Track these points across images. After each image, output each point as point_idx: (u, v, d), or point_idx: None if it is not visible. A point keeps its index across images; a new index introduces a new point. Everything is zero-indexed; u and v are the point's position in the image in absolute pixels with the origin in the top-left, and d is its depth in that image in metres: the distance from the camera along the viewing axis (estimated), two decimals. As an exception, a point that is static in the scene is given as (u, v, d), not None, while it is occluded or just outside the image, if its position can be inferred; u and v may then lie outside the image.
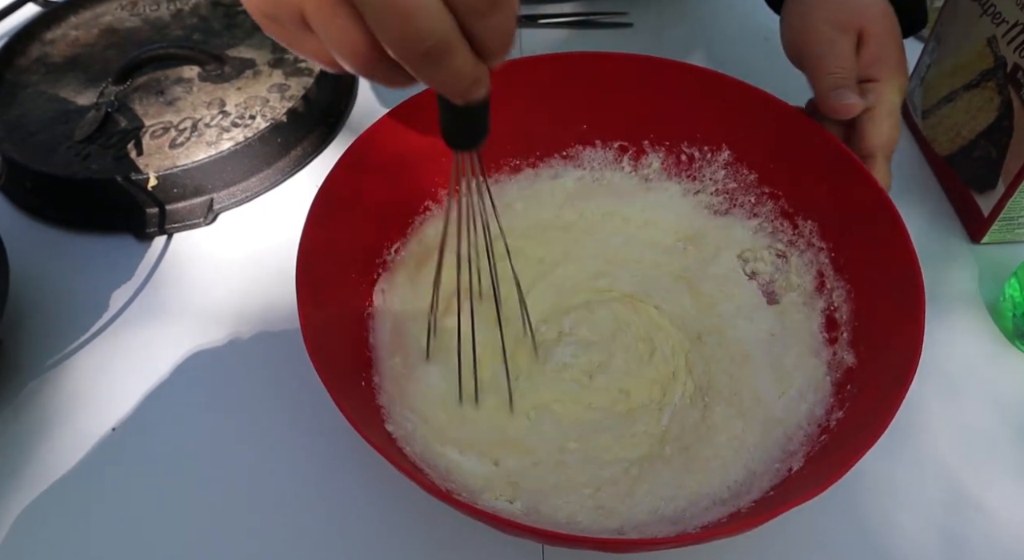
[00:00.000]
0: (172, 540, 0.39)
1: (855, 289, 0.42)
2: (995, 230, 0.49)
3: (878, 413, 0.33)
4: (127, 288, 0.49)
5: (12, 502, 0.40)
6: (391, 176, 0.45)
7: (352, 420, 0.31)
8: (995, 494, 0.40)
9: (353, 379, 0.38)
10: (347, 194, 0.42)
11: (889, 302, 0.38)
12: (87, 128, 0.54)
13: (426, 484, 0.30)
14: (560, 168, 0.51)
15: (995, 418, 0.43)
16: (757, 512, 0.34)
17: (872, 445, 0.31)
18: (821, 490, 0.30)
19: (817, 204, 0.45)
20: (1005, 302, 0.46)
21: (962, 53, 0.50)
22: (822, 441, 0.37)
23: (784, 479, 0.36)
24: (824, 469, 0.33)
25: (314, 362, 0.33)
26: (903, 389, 0.33)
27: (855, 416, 0.36)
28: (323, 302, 0.38)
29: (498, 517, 0.30)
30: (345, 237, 0.42)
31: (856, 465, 0.31)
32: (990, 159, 0.48)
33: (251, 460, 0.41)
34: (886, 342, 0.37)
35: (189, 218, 0.52)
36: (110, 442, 0.42)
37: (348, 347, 0.40)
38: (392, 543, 0.38)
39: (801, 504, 0.30)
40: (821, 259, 0.44)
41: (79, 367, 0.45)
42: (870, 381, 0.37)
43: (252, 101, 0.56)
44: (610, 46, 0.65)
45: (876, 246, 0.40)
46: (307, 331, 0.34)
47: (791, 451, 0.38)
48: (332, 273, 0.40)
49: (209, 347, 0.46)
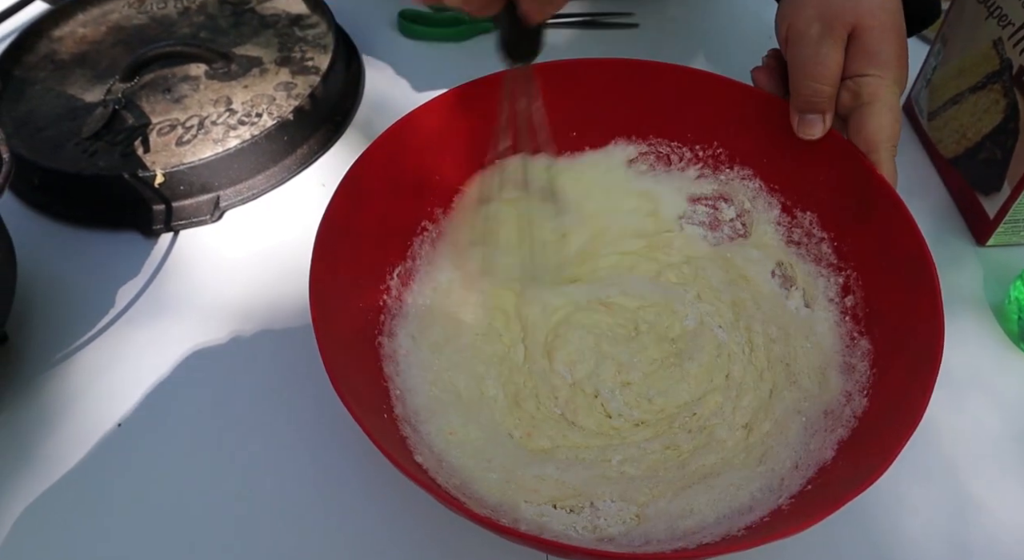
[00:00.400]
0: (177, 536, 0.39)
1: (861, 277, 0.42)
2: (1000, 232, 0.49)
3: (912, 397, 0.33)
4: (133, 285, 0.49)
5: (18, 496, 0.40)
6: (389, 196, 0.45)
7: (364, 427, 0.31)
8: (1000, 496, 0.40)
9: (370, 397, 0.38)
10: (347, 222, 0.42)
11: (899, 286, 0.39)
12: (94, 125, 0.54)
13: (432, 489, 0.30)
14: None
15: (999, 420, 0.43)
16: (790, 519, 0.34)
17: (915, 429, 0.31)
18: (866, 486, 0.30)
19: (817, 196, 0.45)
20: (1010, 304, 0.46)
21: (968, 55, 0.50)
22: (852, 429, 0.37)
23: (818, 471, 0.36)
24: (862, 459, 0.33)
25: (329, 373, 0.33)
26: (935, 367, 0.33)
27: (884, 401, 0.36)
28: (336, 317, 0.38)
29: (501, 525, 0.30)
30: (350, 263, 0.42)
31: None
32: (996, 161, 0.48)
33: (256, 457, 0.41)
34: (903, 325, 0.37)
35: (196, 215, 0.52)
36: (116, 438, 0.42)
37: (363, 369, 0.40)
38: (391, 540, 0.39)
39: (846, 504, 0.30)
40: (824, 249, 0.44)
41: (86, 363, 0.45)
42: (894, 365, 0.37)
43: (259, 99, 0.56)
44: (616, 47, 0.65)
45: (880, 232, 0.40)
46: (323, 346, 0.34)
47: (821, 445, 0.38)
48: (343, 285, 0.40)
49: (215, 344, 0.46)
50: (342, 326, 0.38)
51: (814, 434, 0.38)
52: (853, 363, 0.40)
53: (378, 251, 0.43)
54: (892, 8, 0.43)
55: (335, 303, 0.38)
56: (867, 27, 0.42)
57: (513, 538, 0.30)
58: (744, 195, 0.48)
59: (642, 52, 0.47)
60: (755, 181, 0.47)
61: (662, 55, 0.47)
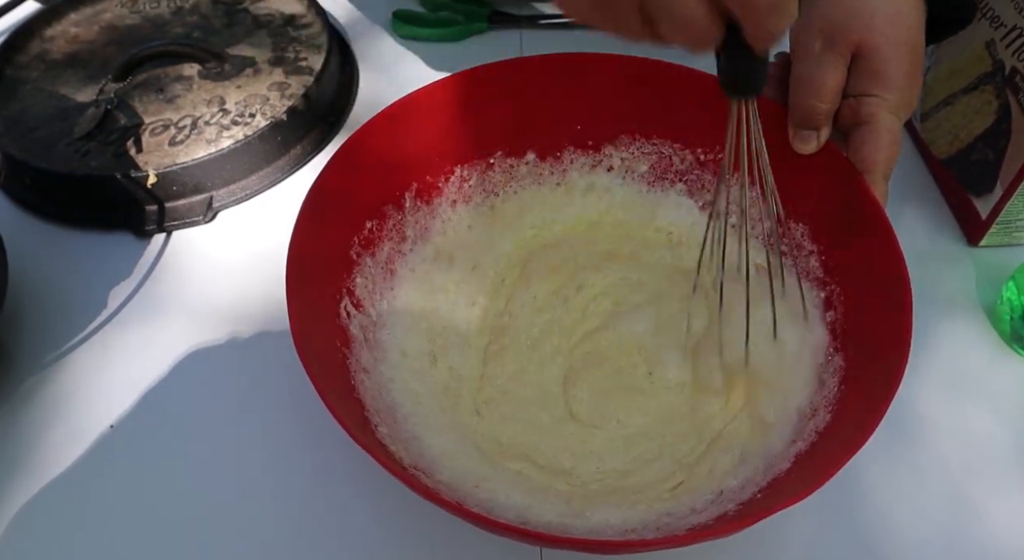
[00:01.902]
0: (169, 538, 0.39)
1: (844, 293, 0.41)
2: (993, 233, 0.49)
3: (867, 416, 0.33)
4: (126, 285, 0.49)
5: (10, 499, 0.40)
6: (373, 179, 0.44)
7: (346, 425, 0.32)
8: (993, 497, 0.40)
9: (344, 383, 0.38)
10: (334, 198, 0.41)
11: (877, 306, 0.38)
12: (86, 125, 0.53)
13: (418, 486, 0.31)
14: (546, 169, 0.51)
15: (992, 421, 0.43)
16: (742, 515, 0.34)
17: (862, 446, 0.31)
18: (809, 492, 0.30)
19: (807, 208, 0.44)
20: (1003, 305, 0.46)
21: (960, 56, 0.50)
22: (811, 442, 0.37)
23: (772, 481, 0.36)
24: (813, 471, 0.33)
25: (306, 366, 0.33)
26: (891, 392, 0.33)
27: (844, 418, 0.36)
28: (310, 304, 0.38)
29: (487, 518, 0.30)
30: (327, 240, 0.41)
31: (854, 469, 0.31)
32: (988, 162, 0.48)
33: (249, 458, 0.41)
34: (874, 345, 0.37)
35: (188, 216, 0.52)
36: (108, 439, 0.42)
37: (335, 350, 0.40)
38: (385, 539, 0.39)
39: (789, 506, 0.30)
40: (811, 262, 0.44)
41: (77, 364, 0.45)
42: (860, 383, 0.37)
43: (252, 99, 0.56)
44: (613, 47, 0.65)
45: (865, 251, 0.40)
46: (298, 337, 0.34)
47: (779, 454, 0.38)
48: (317, 274, 0.40)
49: (207, 345, 0.46)
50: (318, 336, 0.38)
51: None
52: (824, 378, 0.40)
53: (337, 267, 0.43)
54: (905, 24, 0.41)
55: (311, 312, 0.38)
56: (873, 45, 0.40)
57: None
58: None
59: (639, 53, 0.47)
60: (753, 190, 0.47)
61: (672, 56, 0.47)
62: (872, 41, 0.40)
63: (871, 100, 0.40)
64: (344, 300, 0.41)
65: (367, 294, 0.43)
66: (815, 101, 0.41)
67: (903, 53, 0.40)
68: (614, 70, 0.47)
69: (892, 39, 0.40)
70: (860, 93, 0.41)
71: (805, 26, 0.43)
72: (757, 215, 0.46)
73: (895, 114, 0.40)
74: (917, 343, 0.45)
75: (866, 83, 0.41)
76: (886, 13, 0.40)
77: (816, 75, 0.41)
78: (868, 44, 0.40)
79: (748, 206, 0.40)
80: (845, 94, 0.42)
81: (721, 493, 0.37)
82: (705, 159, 0.48)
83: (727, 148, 0.36)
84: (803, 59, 0.42)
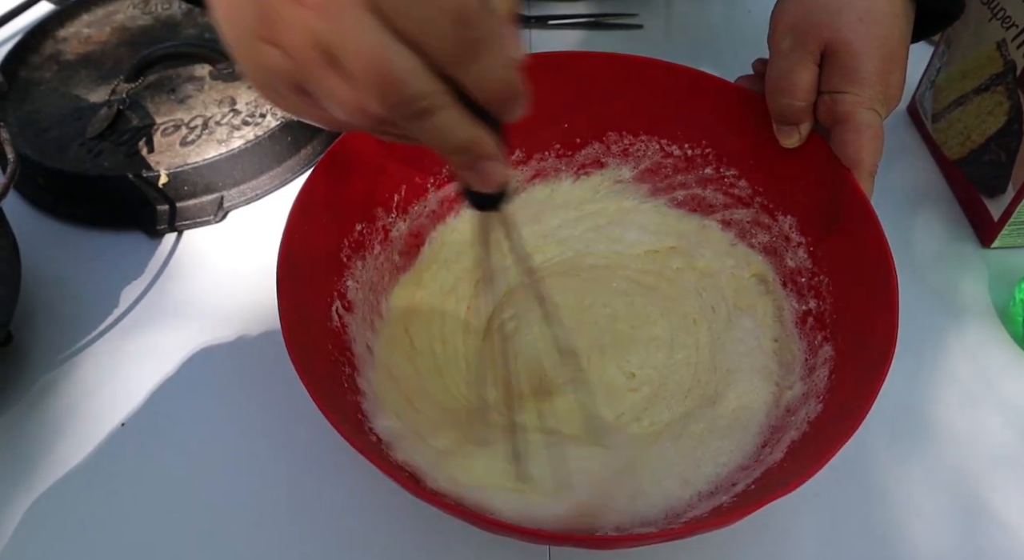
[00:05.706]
0: (180, 535, 0.39)
1: (832, 282, 0.42)
2: (1005, 234, 0.49)
3: (857, 404, 0.33)
4: (137, 285, 0.49)
5: (22, 495, 0.40)
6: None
7: (340, 429, 0.32)
8: (1007, 500, 0.40)
9: (339, 385, 0.38)
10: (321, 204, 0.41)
11: (864, 295, 0.39)
12: (99, 125, 0.54)
13: (414, 488, 0.31)
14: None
15: (1005, 423, 0.43)
16: (736, 506, 0.34)
17: (852, 434, 0.32)
18: (800, 482, 0.31)
19: (796, 200, 0.45)
20: (1015, 307, 0.46)
21: (972, 57, 0.50)
22: (803, 432, 0.37)
23: (765, 473, 0.36)
24: (805, 461, 0.33)
25: (298, 370, 0.34)
26: (880, 379, 0.33)
27: (835, 407, 0.36)
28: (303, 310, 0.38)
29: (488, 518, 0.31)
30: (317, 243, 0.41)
31: (866, 471, 0.31)
32: (1000, 163, 0.48)
33: (260, 456, 0.41)
34: (863, 333, 0.38)
35: (199, 216, 0.52)
36: (119, 437, 0.42)
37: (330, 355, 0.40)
38: (392, 540, 0.39)
39: (782, 496, 0.30)
40: (799, 253, 0.44)
41: (89, 362, 0.45)
42: (850, 372, 0.37)
43: (263, 100, 0.56)
44: (620, 47, 0.65)
45: (852, 241, 0.40)
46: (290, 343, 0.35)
47: (773, 444, 0.38)
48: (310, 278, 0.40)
49: (219, 344, 0.46)
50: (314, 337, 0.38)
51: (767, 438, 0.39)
52: (815, 367, 0.40)
53: (328, 275, 0.43)
54: (877, 20, 0.40)
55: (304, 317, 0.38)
56: (843, 42, 0.40)
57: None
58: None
59: (645, 52, 0.47)
60: (742, 181, 0.47)
61: (665, 55, 0.47)
62: (842, 37, 0.40)
63: (845, 97, 0.40)
64: (335, 303, 0.41)
65: (358, 296, 0.43)
66: (788, 99, 0.41)
67: (874, 49, 0.40)
68: (601, 68, 0.47)
69: (862, 35, 0.40)
70: (834, 90, 0.41)
71: (778, 24, 0.43)
72: (753, 216, 0.47)
73: (873, 109, 0.40)
74: (928, 345, 0.46)
75: (838, 80, 0.41)
76: (857, 9, 0.40)
77: (787, 73, 0.41)
78: (837, 40, 0.40)
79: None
80: (820, 91, 0.42)
81: (716, 488, 0.38)
82: (692, 155, 0.49)
83: (479, 261, 0.35)
84: (774, 56, 0.43)
